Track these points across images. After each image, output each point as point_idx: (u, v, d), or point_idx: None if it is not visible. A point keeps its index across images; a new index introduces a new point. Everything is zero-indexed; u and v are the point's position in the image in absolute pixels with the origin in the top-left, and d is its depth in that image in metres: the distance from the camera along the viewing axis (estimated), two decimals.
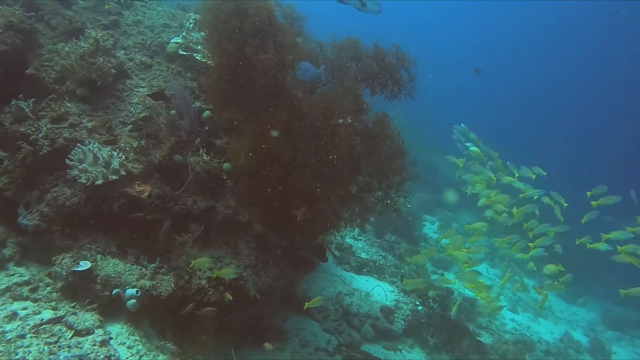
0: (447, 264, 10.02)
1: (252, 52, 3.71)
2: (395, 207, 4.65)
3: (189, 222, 4.03)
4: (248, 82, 3.97)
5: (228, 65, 3.82)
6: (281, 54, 3.84)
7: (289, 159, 4.15)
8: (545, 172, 6.72)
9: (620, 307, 11.55)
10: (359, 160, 4.35)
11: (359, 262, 7.17)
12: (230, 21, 3.70)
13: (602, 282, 12.25)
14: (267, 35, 3.81)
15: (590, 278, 12.08)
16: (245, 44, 3.74)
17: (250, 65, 3.82)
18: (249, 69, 3.86)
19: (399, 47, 4.65)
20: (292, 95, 4.11)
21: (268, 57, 3.70)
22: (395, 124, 4.47)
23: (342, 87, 4.84)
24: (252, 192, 4.07)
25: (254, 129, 3.82)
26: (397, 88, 4.76)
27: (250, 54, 3.72)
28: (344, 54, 4.94)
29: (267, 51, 3.77)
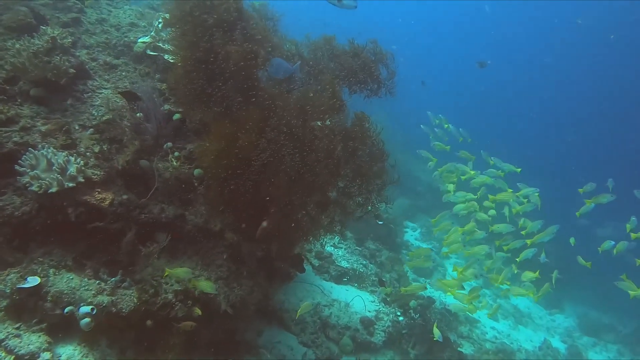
0: (428, 271, 9.95)
1: (219, 44, 3.53)
2: (377, 212, 4.51)
3: (156, 232, 3.79)
4: (217, 79, 3.79)
5: (194, 60, 3.63)
6: (251, 46, 3.66)
7: (263, 163, 3.97)
8: (519, 168, 6.77)
9: (597, 311, 11.70)
10: (339, 163, 4.20)
11: (339, 271, 7.00)
12: (195, 12, 3.52)
13: (580, 285, 12.39)
14: (235, 26, 3.63)
15: (569, 281, 12.22)
16: (212, 36, 3.55)
17: (219, 60, 3.64)
18: (217, 63, 3.68)
19: (376, 42, 4.53)
20: (265, 93, 3.94)
21: (237, 48, 3.52)
22: (375, 124, 4.34)
23: (320, 85, 4.70)
24: (224, 199, 3.87)
25: (223, 129, 3.62)
26: (376, 85, 4.63)
27: (218, 46, 3.53)
28: (319, 53, 4.80)
29: (235, 43, 3.59)
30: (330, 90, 4.29)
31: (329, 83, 4.33)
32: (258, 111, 3.80)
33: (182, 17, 3.58)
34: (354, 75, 4.64)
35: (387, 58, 4.52)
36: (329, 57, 4.78)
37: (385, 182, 4.33)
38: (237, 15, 3.63)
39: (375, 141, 4.30)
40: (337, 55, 4.74)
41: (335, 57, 4.75)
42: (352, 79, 4.59)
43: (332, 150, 3.98)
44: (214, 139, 3.61)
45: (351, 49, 4.56)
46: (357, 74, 4.58)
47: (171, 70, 4.03)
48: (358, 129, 4.19)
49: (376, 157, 4.32)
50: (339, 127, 4.29)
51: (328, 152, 3.91)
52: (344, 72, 4.58)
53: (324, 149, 3.98)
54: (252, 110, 3.75)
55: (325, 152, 3.90)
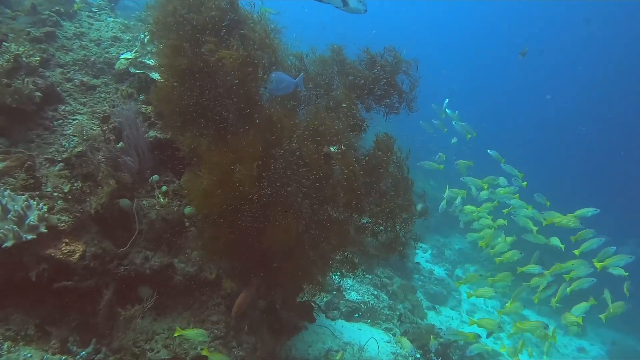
0: (442, 297, 9.33)
1: (210, 50, 2.99)
2: (403, 252, 3.94)
3: (139, 286, 3.21)
4: (209, 94, 3.24)
5: (179, 70, 3.09)
6: (249, 51, 3.12)
7: (267, 199, 3.40)
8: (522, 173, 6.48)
9: (621, 334, 11.04)
10: (361, 197, 3.64)
11: (350, 306, 6.38)
12: (179, 11, 2.99)
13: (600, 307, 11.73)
14: (231, 30, 3.10)
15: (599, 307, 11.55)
16: (200, 39, 3.03)
17: (210, 69, 3.11)
18: (208, 74, 3.15)
19: (394, 49, 4.02)
20: (268, 112, 3.40)
21: (232, 54, 2.98)
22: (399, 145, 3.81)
23: (332, 102, 4.17)
24: (220, 242, 3.30)
25: (216, 159, 3.06)
26: (396, 99, 4.11)
27: (208, 52, 2.99)
28: (327, 65, 4.27)
29: (231, 49, 3.05)
30: (347, 107, 3.76)
31: (344, 98, 3.79)
32: (260, 135, 3.25)
33: (164, 20, 3.05)
34: (370, 90, 4.11)
35: (409, 66, 4.00)
36: (339, 70, 4.26)
37: (413, 216, 3.76)
38: (233, 17, 3.09)
39: (400, 167, 3.75)
40: (348, 67, 4.22)
41: (346, 69, 4.22)
42: (368, 93, 4.06)
43: (353, 181, 3.42)
44: (205, 171, 3.04)
45: (367, 58, 4.03)
46: (374, 88, 4.05)
47: (154, 86, 3.48)
48: (382, 154, 3.64)
49: (401, 186, 3.77)
50: (359, 152, 3.76)
51: (349, 185, 3.35)
52: (359, 86, 4.05)
53: (343, 180, 3.43)
54: (253, 133, 3.19)
55: (346, 185, 3.34)
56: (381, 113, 4.24)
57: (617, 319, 11.72)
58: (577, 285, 5.03)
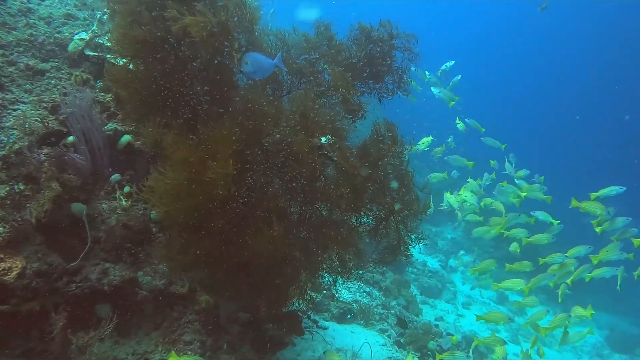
0: (437, 290, 9.06)
1: (173, 16, 2.52)
2: (407, 254, 3.59)
3: (96, 304, 2.77)
4: (175, 74, 2.78)
5: (138, 42, 2.62)
6: (221, 18, 2.67)
7: (247, 202, 2.97)
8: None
9: (623, 320, 10.98)
10: (363, 195, 3.24)
11: (341, 308, 6.01)
12: None
13: (591, 289, 11.58)
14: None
15: (578, 286, 11.40)
16: (161, 5, 2.57)
17: (175, 42, 2.66)
18: (173, 48, 2.69)
19: (390, 23, 3.61)
20: (247, 97, 2.97)
21: (198, 19, 2.52)
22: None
23: (323, 85, 3.75)
24: (190, 254, 2.87)
25: (186, 154, 2.61)
26: (391, 80, 3.72)
27: (172, 19, 2.53)
28: (313, 46, 3.83)
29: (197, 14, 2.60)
30: (342, 88, 3.33)
31: (338, 78, 3.35)
32: (237, 125, 2.81)
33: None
34: (364, 70, 3.69)
35: (410, 42, 3.60)
36: (326, 50, 3.81)
37: (416, 213, 3.39)
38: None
39: (400, 158, 3.37)
40: (338, 46, 3.78)
41: (336, 48, 3.78)
42: (364, 75, 3.64)
43: (354, 178, 3.03)
44: (171, 169, 2.59)
45: (361, 32, 3.60)
46: (370, 67, 3.64)
47: (107, 63, 3.01)
48: (386, 145, 3.24)
49: (404, 182, 3.39)
50: (356, 144, 3.37)
51: (349, 182, 2.96)
52: (353, 65, 3.62)
53: (341, 178, 3.04)
54: (229, 123, 2.75)
55: (345, 182, 2.95)
56: (373, 97, 3.83)
57: (611, 301, 11.68)
58: (599, 273, 4.73)
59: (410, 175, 3.62)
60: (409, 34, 3.81)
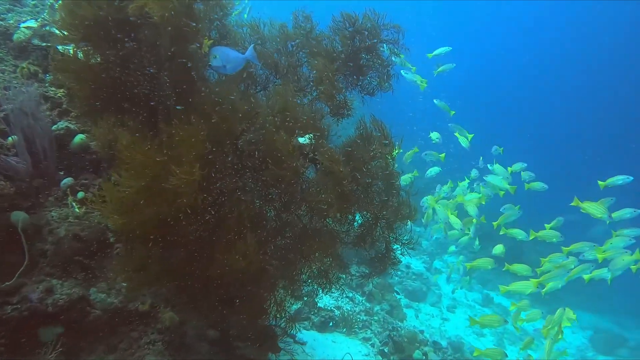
0: (422, 294, 8.90)
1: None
2: (395, 262, 3.40)
3: (40, 327, 2.45)
4: (133, 63, 2.48)
5: (87, 24, 2.31)
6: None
7: (217, 212, 2.69)
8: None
9: (604, 318, 11.07)
10: (351, 201, 3.01)
11: (322, 315, 5.76)
12: None
13: (571, 289, 11.66)
14: None
15: (568, 286, 11.46)
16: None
17: (133, 26, 2.37)
18: (130, 33, 2.40)
19: (375, 12, 3.39)
20: (217, 91, 2.69)
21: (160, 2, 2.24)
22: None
23: (303, 79, 3.52)
24: (155, 265, 2.58)
25: (145, 157, 2.31)
26: (376, 75, 3.51)
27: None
28: (291, 39, 3.57)
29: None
30: (327, 80, 3.07)
31: (322, 70, 3.09)
32: (205, 124, 2.53)
33: None
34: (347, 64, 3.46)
35: (398, 33, 3.39)
36: (306, 40, 3.56)
37: (406, 220, 3.19)
38: None
39: (388, 162, 3.15)
40: (318, 37, 3.53)
41: (317, 39, 3.53)
42: (346, 70, 3.41)
43: (343, 183, 2.80)
44: (127, 175, 2.29)
45: (345, 20, 3.36)
46: (353, 61, 3.40)
47: (53, 50, 2.69)
48: (375, 148, 3.02)
49: (391, 185, 3.17)
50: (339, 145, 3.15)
51: (338, 187, 2.73)
52: (338, 57, 3.38)
53: (330, 182, 2.81)
54: (195, 121, 2.46)
55: (333, 187, 2.72)
56: (355, 93, 3.60)
57: (592, 300, 11.74)
58: (599, 274, 4.66)
59: (397, 177, 3.41)
60: (396, 25, 3.59)
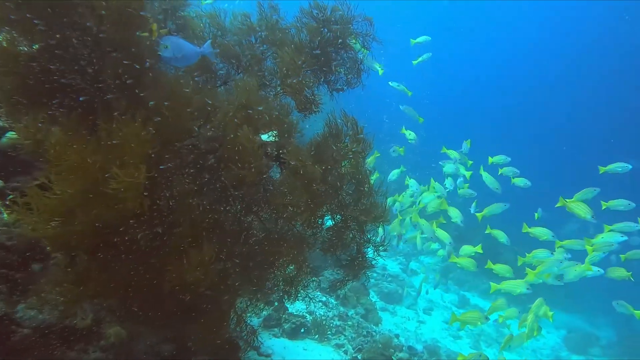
0: (397, 296, 8.78)
1: None
2: (368, 266, 3.27)
3: None
4: (68, 50, 2.22)
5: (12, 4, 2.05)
6: None
7: (168, 219, 2.45)
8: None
9: (577, 317, 11.23)
10: (320, 201, 2.83)
11: (294, 322, 5.55)
12: None
13: (543, 286, 11.83)
14: None
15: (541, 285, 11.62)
16: None
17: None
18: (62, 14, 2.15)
19: (346, 3, 3.21)
20: (168, 82, 2.45)
21: None
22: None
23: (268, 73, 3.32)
24: (96, 276, 2.32)
25: (80, 157, 2.05)
26: (354, 69, 3.35)
27: None
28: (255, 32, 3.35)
29: None
30: (293, 73, 2.87)
31: (288, 62, 2.88)
32: (154, 120, 2.29)
33: None
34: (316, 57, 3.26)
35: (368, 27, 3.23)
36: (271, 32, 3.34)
37: (378, 221, 3.05)
38: None
39: (359, 160, 2.98)
40: (285, 29, 3.33)
41: (283, 31, 3.32)
42: (316, 65, 3.22)
43: (312, 184, 2.62)
44: (58, 179, 2.03)
45: (313, 14, 3.16)
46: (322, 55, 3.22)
47: None
48: (347, 146, 2.85)
49: (364, 184, 3.02)
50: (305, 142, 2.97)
51: (306, 188, 2.54)
52: (306, 49, 3.18)
53: (299, 183, 2.62)
54: (142, 117, 2.21)
55: (303, 189, 2.53)
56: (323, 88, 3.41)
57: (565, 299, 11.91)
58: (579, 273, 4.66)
59: (369, 177, 3.25)
60: (367, 17, 3.41)
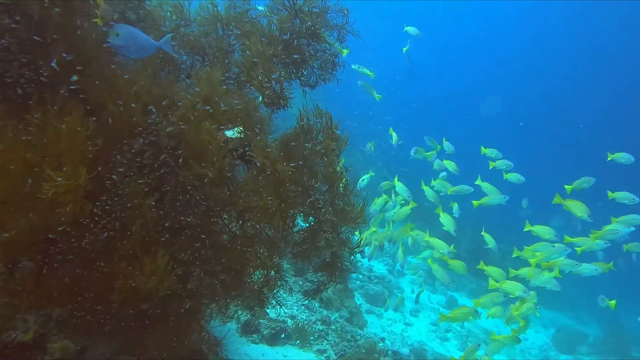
0: (384, 298, 8.62)
1: None
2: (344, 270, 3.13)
3: None
4: None
5: None
6: None
7: (114, 225, 2.25)
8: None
9: (564, 315, 11.24)
10: (290, 203, 2.68)
11: (273, 327, 5.36)
12: None
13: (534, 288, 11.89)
14: None
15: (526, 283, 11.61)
16: None
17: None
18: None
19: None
20: (115, 72, 2.26)
21: None
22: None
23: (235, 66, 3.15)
24: (41, 284, 2.13)
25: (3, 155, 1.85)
26: (327, 62, 3.20)
27: None
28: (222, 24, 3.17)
29: None
30: (262, 68, 2.70)
31: (255, 54, 2.71)
32: (98, 112, 2.10)
33: None
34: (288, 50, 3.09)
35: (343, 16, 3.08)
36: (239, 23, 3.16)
37: (352, 223, 2.92)
38: None
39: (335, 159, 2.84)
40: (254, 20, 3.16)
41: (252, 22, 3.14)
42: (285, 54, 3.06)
43: (281, 184, 2.47)
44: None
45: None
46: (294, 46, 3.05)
47: None
48: (324, 142, 2.72)
49: (335, 184, 2.87)
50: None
51: (273, 189, 2.38)
52: (277, 40, 3.01)
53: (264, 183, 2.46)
54: (81, 109, 2.01)
55: (269, 190, 2.37)
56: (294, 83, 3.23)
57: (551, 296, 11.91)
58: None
59: (343, 175, 3.07)
60: (343, 8, 3.23)
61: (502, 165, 6.38)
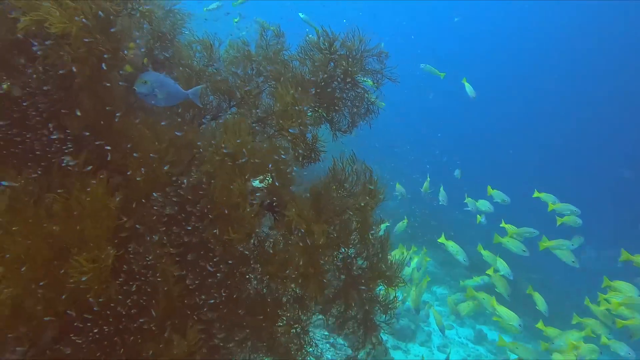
0: (410, 332, 8.26)
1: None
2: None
3: None
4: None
5: None
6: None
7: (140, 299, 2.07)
8: None
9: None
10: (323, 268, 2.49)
11: None
12: None
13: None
14: None
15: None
16: None
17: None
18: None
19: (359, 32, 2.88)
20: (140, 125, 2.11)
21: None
22: None
23: (261, 111, 2.96)
24: None
25: (25, 233, 1.68)
26: (364, 106, 3.01)
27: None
28: (253, 63, 3.00)
29: None
30: (292, 113, 2.51)
31: (284, 96, 2.52)
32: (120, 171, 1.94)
33: None
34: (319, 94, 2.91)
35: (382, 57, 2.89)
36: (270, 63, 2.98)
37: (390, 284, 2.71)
38: None
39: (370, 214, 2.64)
40: (285, 61, 2.98)
41: (283, 63, 2.95)
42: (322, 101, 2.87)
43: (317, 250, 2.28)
44: None
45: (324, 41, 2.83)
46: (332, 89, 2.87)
47: None
48: (362, 197, 2.53)
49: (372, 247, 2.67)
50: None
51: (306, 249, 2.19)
52: (308, 82, 2.83)
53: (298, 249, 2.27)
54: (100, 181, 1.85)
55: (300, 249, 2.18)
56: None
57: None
58: None
59: (377, 232, 2.84)
60: (382, 51, 3.00)
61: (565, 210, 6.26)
